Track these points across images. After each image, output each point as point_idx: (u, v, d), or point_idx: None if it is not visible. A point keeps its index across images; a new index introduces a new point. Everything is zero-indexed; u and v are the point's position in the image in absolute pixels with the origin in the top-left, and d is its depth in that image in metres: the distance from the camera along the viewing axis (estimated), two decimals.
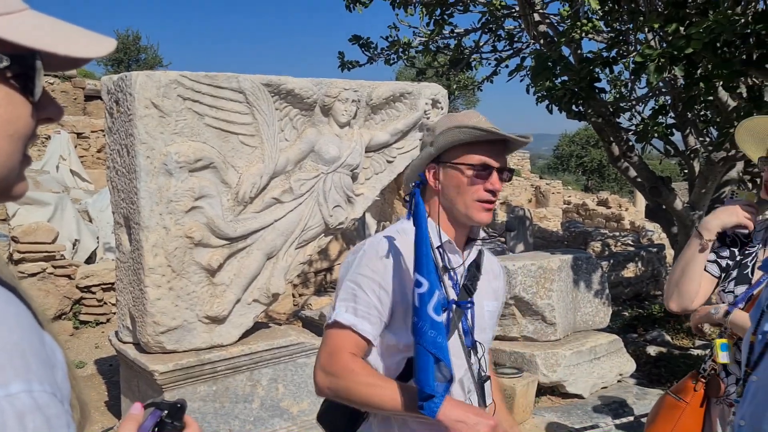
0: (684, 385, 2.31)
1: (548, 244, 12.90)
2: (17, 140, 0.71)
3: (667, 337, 6.83)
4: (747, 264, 2.22)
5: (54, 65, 0.73)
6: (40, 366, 0.68)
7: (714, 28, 4.18)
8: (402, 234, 1.62)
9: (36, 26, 0.69)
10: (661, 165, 11.78)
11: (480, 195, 1.58)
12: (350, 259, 1.64)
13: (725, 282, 2.24)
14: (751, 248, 2.25)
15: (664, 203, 7.01)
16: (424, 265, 1.46)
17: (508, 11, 7.16)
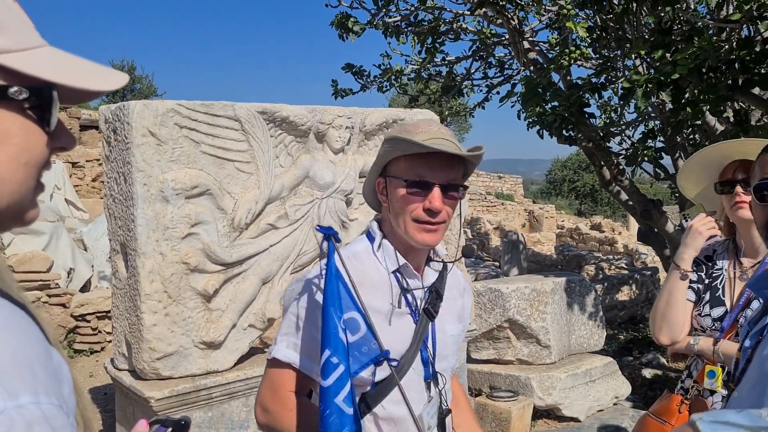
0: (667, 407, 2.29)
1: (542, 268, 12.94)
2: (32, 168, 0.75)
3: (663, 360, 6.84)
4: (717, 286, 2.25)
5: (68, 98, 0.78)
6: (48, 379, 0.70)
7: (699, 54, 4.28)
8: (353, 259, 1.46)
9: (53, 61, 0.74)
10: (653, 188, 11.89)
11: (416, 214, 1.41)
12: (294, 287, 1.50)
13: (700, 306, 2.27)
14: (718, 270, 2.28)
15: (656, 226, 7.08)
16: (332, 340, 1.30)
17: (497, 39, 7.30)
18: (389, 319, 1.46)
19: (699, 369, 2.28)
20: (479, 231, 16.03)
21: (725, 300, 2.21)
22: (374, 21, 7.23)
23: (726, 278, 2.25)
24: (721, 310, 2.21)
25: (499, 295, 4.86)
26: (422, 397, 1.48)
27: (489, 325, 4.92)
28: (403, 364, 1.45)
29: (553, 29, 6.93)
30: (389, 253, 1.49)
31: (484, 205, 21.38)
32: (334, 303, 1.32)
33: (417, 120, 1.51)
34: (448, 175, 1.43)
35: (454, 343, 1.60)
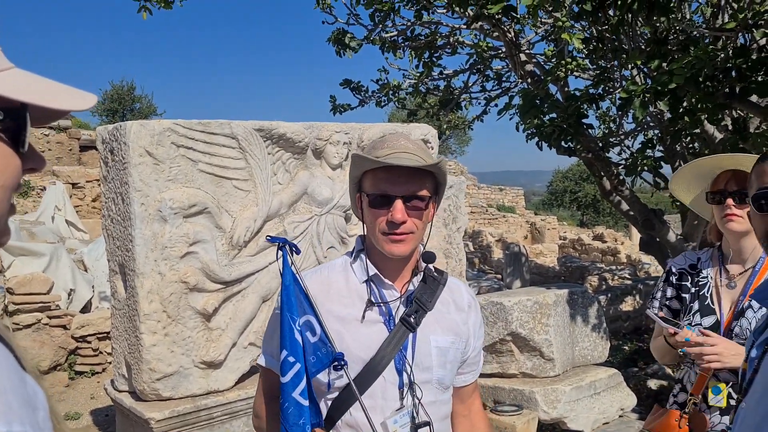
0: (667, 423, 2.23)
1: (545, 280, 12.90)
2: (7, 190, 0.74)
3: (668, 371, 6.78)
4: (705, 295, 2.22)
5: (37, 118, 0.78)
6: (22, 407, 0.69)
7: (695, 63, 4.28)
8: (323, 270, 1.59)
9: (23, 82, 0.74)
10: (654, 197, 11.87)
11: (382, 227, 1.47)
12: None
13: (689, 315, 2.23)
14: (703, 279, 2.26)
15: (658, 236, 7.05)
16: (288, 341, 1.42)
17: (494, 52, 7.32)
18: (354, 326, 1.51)
19: (693, 382, 2.24)
20: (481, 244, 16.00)
21: (715, 308, 2.18)
22: (371, 36, 7.26)
23: (713, 286, 2.23)
24: (711, 319, 2.17)
25: (501, 308, 4.83)
26: (392, 405, 1.50)
27: (492, 339, 4.88)
28: (369, 370, 1.48)
29: (550, 41, 6.95)
30: (362, 264, 1.55)
31: (486, 218, 21.35)
32: (290, 307, 1.43)
33: (387, 135, 1.53)
34: (410, 187, 1.47)
35: (440, 356, 1.57)
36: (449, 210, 4.42)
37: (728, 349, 2.02)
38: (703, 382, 2.19)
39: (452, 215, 4.44)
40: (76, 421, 5.29)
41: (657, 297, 2.39)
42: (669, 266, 2.41)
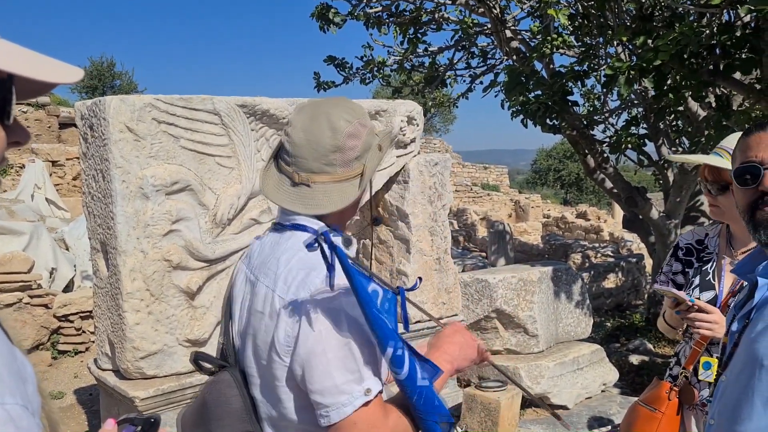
0: (657, 395, 2.29)
1: (529, 258, 12.98)
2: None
3: (649, 346, 6.88)
4: (708, 270, 2.26)
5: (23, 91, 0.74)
6: (12, 379, 0.68)
7: (680, 40, 4.28)
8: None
9: (10, 53, 0.70)
10: (637, 175, 11.95)
11: None
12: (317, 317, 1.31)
13: (689, 289, 2.28)
14: (708, 254, 2.30)
15: (641, 213, 7.11)
16: (386, 333, 1.27)
17: (480, 29, 7.26)
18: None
19: (687, 356, 2.28)
20: (466, 222, 16.05)
21: (715, 284, 2.22)
22: (355, 12, 7.17)
23: (716, 262, 2.26)
24: (710, 294, 2.22)
25: (486, 285, 4.85)
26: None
27: (476, 316, 4.91)
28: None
29: (535, 17, 6.91)
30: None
31: (471, 196, 21.40)
32: (369, 301, 1.27)
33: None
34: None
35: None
36: (435, 187, 4.41)
37: (722, 321, 2.05)
38: (695, 356, 2.24)
39: (437, 192, 4.43)
40: (60, 401, 5.26)
41: (665, 271, 2.44)
42: (677, 241, 2.45)
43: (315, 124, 1.44)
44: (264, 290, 1.44)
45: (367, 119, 1.50)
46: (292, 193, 1.47)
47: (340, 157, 1.44)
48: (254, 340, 1.45)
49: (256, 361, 1.45)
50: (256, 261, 1.54)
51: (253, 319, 1.46)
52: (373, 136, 1.50)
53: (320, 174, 1.44)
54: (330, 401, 1.28)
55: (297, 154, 1.44)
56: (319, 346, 1.29)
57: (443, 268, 4.48)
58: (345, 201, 1.44)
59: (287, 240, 1.47)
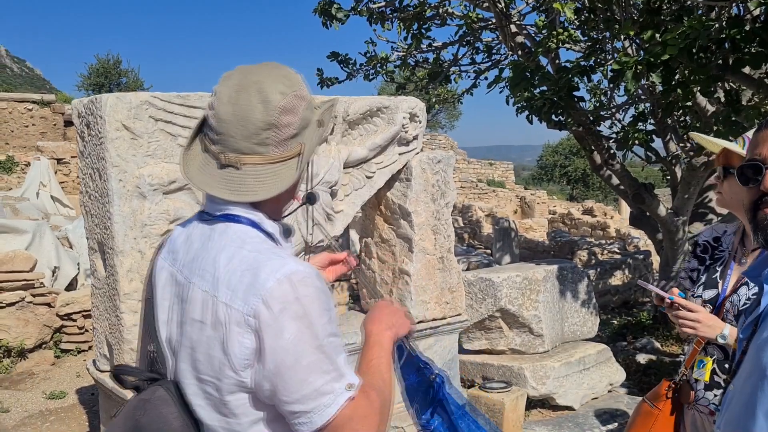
0: (657, 392, 2.31)
1: (535, 255, 12.90)
2: None
3: (657, 344, 6.80)
4: (716, 268, 2.22)
5: None
6: None
7: (689, 34, 4.19)
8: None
9: None
10: (644, 171, 11.85)
11: None
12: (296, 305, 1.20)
13: (694, 287, 2.26)
14: (721, 252, 2.25)
15: (648, 210, 7.02)
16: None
17: (484, 24, 7.18)
18: None
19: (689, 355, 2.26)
20: (471, 219, 15.97)
21: (719, 282, 2.18)
22: (358, 7, 7.10)
23: (726, 260, 2.21)
24: (713, 292, 2.20)
25: (490, 284, 4.78)
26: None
27: (480, 315, 4.84)
28: None
29: (541, 12, 6.82)
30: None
31: (476, 193, 21.31)
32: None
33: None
34: None
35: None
36: (438, 185, 4.34)
37: (706, 320, 2.05)
38: (694, 355, 2.24)
39: (440, 190, 4.36)
40: (62, 400, 5.23)
41: (684, 268, 2.42)
42: (697, 238, 2.42)
43: (244, 96, 1.25)
44: (201, 295, 1.25)
45: (306, 90, 1.31)
46: (218, 177, 1.28)
47: (274, 136, 1.25)
48: (193, 354, 1.26)
49: (195, 375, 1.27)
50: (184, 258, 1.33)
51: (189, 329, 1.27)
52: (312, 110, 1.33)
53: (251, 155, 1.26)
54: (312, 406, 1.19)
55: (223, 132, 1.26)
56: (289, 357, 1.17)
57: (446, 267, 4.41)
58: (280, 186, 1.26)
59: (222, 234, 1.28)
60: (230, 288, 1.21)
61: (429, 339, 4.39)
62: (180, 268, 1.33)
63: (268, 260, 1.21)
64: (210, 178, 1.29)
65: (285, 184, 1.27)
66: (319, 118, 1.34)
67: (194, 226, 1.37)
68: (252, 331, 1.18)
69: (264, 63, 1.33)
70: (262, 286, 1.18)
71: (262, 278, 1.19)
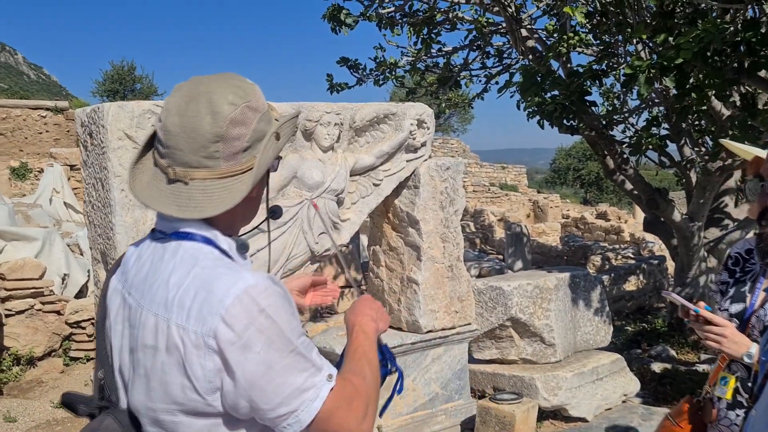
0: (680, 409, 2.24)
1: (547, 260, 12.77)
2: None
3: (672, 352, 6.67)
4: (745, 282, 2.13)
5: None
6: None
7: (703, 37, 4.10)
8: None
9: None
10: (658, 175, 11.70)
11: None
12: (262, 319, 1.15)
13: (722, 300, 2.18)
14: (751, 265, 2.16)
15: (662, 215, 6.90)
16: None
17: (495, 28, 7.11)
18: None
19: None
20: (483, 223, 15.86)
21: (747, 296, 2.10)
22: (367, 12, 7.05)
23: (756, 274, 2.12)
24: (740, 306, 2.11)
25: (501, 293, 4.70)
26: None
27: (491, 324, 4.76)
28: None
29: (552, 15, 6.73)
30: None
31: (488, 197, 21.19)
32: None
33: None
34: None
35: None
36: (446, 192, 4.27)
37: (732, 336, 1.98)
38: (717, 372, 2.15)
39: (449, 197, 4.29)
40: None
41: (715, 281, 2.34)
42: (729, 250, 2.34)
43: (192, 106, 1.19)
44: (153, 320, 1.17)
45: (260, 101, 1.25)
46: (166, 193, 1.21)
47: (224, 149, 1.19)
48: (147, 382, 1.18)
49: (151, 404, 1.19)
50: (134, 279, 1.26)
51: (141, 356, 1.19)
52: (269, 123, 1.26)
53: (199, 169, 1.19)
54: (297, 404, 1.15)
55: (171, 144, 1.19)
56: (261, 368, 1.12)
57: (456, 275, 4.34)
58: (229, 202, 1.20)
59: (173, 254, 1.21)
60: (183, 309, 1.14)
61: (438, 349, 4.32)
62: (130, 290, 1.26)
63: (223, 276, 1.15)
64: (157, 194, 1.23)
65: (234, 199, 1.21)
66: (276, 131, 1.26)
67: (146, 245, 1.29)
68: (213, 353, 1.12)
69: (220, 73, 1.28)
70: (219, 304, 1.12)
71: (218, 296, 1.12)
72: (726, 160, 6.28)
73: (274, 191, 3.54)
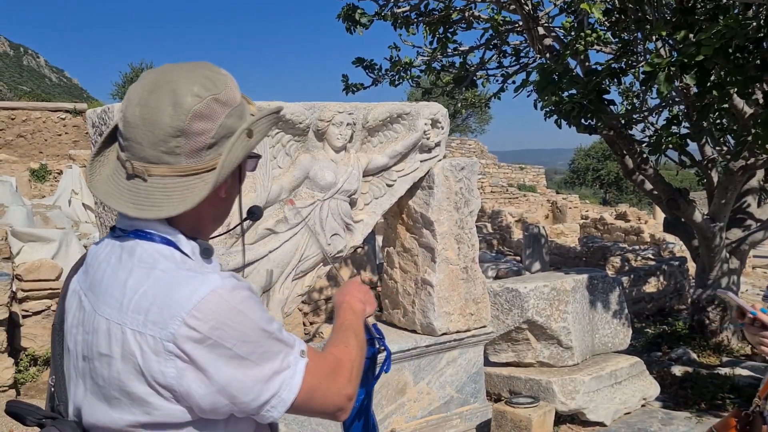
0: (726, 422, 2.12)
1: (565, 261, 12.63)
2: None
3: (693, 355, 6.54)
4: None
5: None
6: None
7: (725, 33, 4.00)
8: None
9: None
10: (679, 175, 11.52)
11: None
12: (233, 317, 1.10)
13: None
14: None
15: (683, 216, 6.77)
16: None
17: (511, 26, 7.02)
18: None
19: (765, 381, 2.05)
20: (500, 224, 15.74)
21: None
22: (383, 12, 7.00)
23: None
24: None
25: (517, 295, 4.62)
26: None
27: (507, 327, 4.68)
28: None
29: (569, 13, 6.64)
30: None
31: (506, 198, 21.05)
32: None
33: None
34: None
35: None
36: (461, 193, 4.21)
37: None
38: None
39: (464, 198, 4.23)
40: None
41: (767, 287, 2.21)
42: None
43: (154, 97, 1.11)
44: (106, 325, 1.10)
45: (231, 94, 1.16)
46: (124, 189, 1.14)
47: (185, 144, 1.11)
48: (103, 390, 1.11)
49: (113, 419, 1.12)
50: (92, 280, 1.18)
51: (98, 365, 1.11)
52: (240, 118, 1.17)
53: (159, 165, 1.12)
54: (277, 385, 1.12)
55: (130, 137, 1.11)
56: (235, 361, 1.08)
57: (471, 277, 4.27)
58: (189, 202, 1.12)
59: (131, 255, 1.14)
60: (140, 313, 1.07)
61: (453, 351, 4.26)
62: (87, 292, 1.18)
63: (186, 279, 1.09)
64: (115, 189, 1.15)
65: (194, 199, 1.13)
66: (249, 128, 1.17)
67: (105, 243, 1.22)
68: (174, 357, 1.06)
69: (191, 62, 1.20)
70: (181, 307, 1.05)
71: (180, 299, 1.06)
72: (748, 160, 6.14)
73: (287, 192, 3.51)
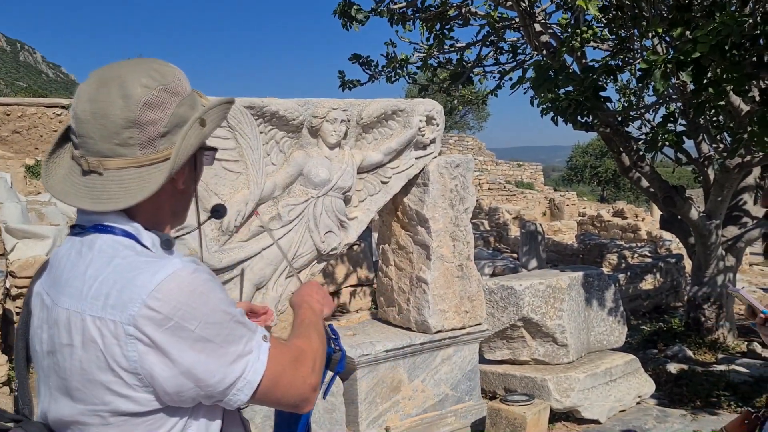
0: (736, 423, 2.13)
1: (562, 258, 12.64)
2: None
3: (689, 353, 6.54)
4: None
5: None
6: None
7: (721, 30, 3.98)
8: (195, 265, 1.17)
9: None
10: (675, 173, 11.51)
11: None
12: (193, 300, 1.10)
13: None
14: None
15: (679, 213, 6.77)
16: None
17: (508, 23, 7.00)
18: None
19: None
20: (498, 221, 15.73)
21: None
22: (379, 8, 6.97)
23: None
24: None
25: (512, 292, 4.61)
26: None
27: (502, 325, 4.68)
28: None
29: (566, 10, 6.62)
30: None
31: (504, 195, 21.03)
32: None
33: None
34: None
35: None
36: (456, 190, 4.19)
37: None
38: None
39: (459, 195, 4.21)
40: None
41: None
42: None
43: (103, 91, 1.12)
44: (66, 315, 1.10)
45: (180, 85, 1.18)
46: (80, 185, 1.15)
47: (138, 135, 1.12)
48: (66, 383, 1.11)
49: (78, 411, 1.11)
50: (53, 277, 1.18)
51: (60, 357, 1.11)
52: (192, 108, 1.19)
53: (113, 158, 1.13)
54: (242, 367, 1.13)
55: (83, 133, 1.13)
56: (199, 344, 1.08)
57: (466, 274, 4.26)
58: (146, 191, 1.13)
59: (91, 247, 1.14)
60: (99, 299, 1.07)
61: (448, 349, 4.25)
62: (48, 291, 1.18)
63: (146, 265, 1.09)
64: (71, 187, 1.16)
65: (150, 188, 1.14)
66: (202, 117, 1.19)
67: (66, 241, 1.22)
68: (135, 341, 1.05)
69: (139, 58, 1.23)
70: (142, 290, 1.06)
71: (140, 283, 1.07)
72: (745, 157, 6.14)
73: (281, 189, 3.49)
